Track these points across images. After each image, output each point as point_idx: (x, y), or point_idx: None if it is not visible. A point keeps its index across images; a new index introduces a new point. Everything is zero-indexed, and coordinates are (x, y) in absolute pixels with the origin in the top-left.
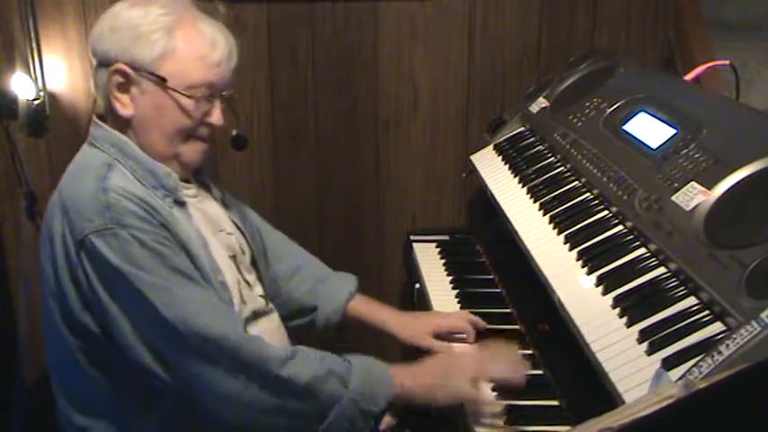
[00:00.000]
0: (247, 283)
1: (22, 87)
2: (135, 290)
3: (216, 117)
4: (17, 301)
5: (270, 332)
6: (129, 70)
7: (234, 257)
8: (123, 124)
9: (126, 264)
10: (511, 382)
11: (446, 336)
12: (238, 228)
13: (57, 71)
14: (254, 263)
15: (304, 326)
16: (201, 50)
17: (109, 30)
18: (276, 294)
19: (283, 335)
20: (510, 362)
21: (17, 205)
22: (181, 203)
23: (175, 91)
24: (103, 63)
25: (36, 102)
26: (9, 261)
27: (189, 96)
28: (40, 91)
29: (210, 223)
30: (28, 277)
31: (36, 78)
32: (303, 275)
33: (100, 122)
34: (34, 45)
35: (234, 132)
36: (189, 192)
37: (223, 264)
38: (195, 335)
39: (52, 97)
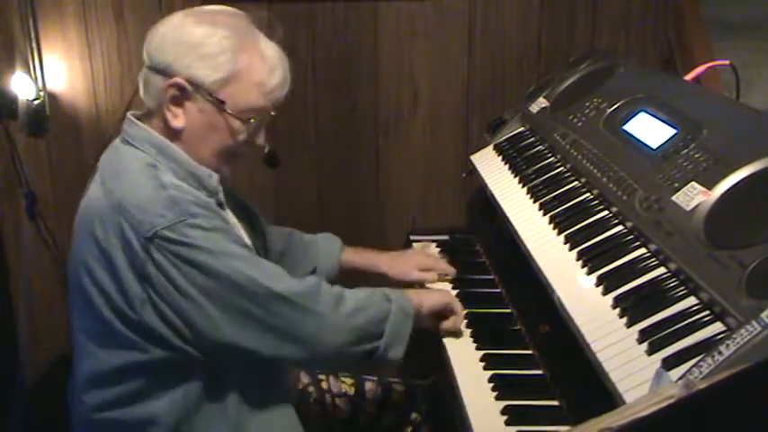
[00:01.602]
0: None
1: (22, 87)
2: (221, 271)
3: (261, 139)
4: (17, 301)
5: None
6: (187, 86)
7: None
8: (170, 134)
9: (210, 250)
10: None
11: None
12: (251, 224)
13: (57, 71)
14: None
15: None
16: (260, 77)
17: (173, 42)
18: None
19: None
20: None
21: (17, 205)
22: (221, 204)
23: (230, 114)
24: (161, 71)
25: (36, 102)
26: (9, 261)
27: (241, 120)
28: (40, 91)
29: (235, 222)
30: (28, 277)
31: (36, 78)
32: (293, 246)
33: (136, 120)
34: (34, 45)
35: (266, 149)
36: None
37: None
38: (285, 294)
39: (52, 97)
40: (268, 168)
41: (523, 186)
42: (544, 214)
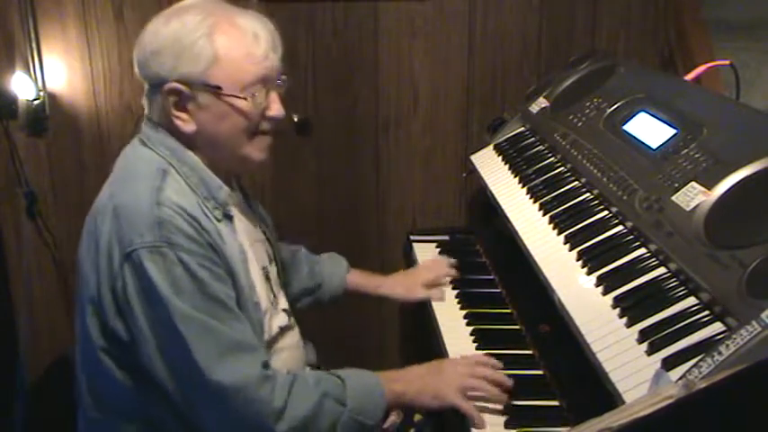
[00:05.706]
0: (275, 296)
1: (22, 87)
2: (169, 315)
3: (275, 109)
4: (17, 301)
5: (291, 348)
6: (182, 87)
7: (264, 269)
8: (188, 140)
9: (167, 286)
10: (492, 399)
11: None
12: (266, 235)
13: (57, 71)
14: (278, 271)
15: (310, 304)
16: (245, 48)
17: (151, 53)
18: None
19: (302, 351)
20: (493, 375)
21: (17, 205)
22: (228, 217)
23: (232, 96)
24: (155, 85)
25: (36, 102)
26: (9, 261)
27: (245, 98)
28: (40, 91)
29: (249, 233)
30: (28, 277)
31: (36, 78)
32: (299, 261)
33: (153, 121)
34: (34, 45)
35: (296, 118)
36: (234, 200)
37: (257, 280)
38: (214, 379)
39: (52, 97)
40: (270, 168)
41: (523, 186)
42: (544, 214)
